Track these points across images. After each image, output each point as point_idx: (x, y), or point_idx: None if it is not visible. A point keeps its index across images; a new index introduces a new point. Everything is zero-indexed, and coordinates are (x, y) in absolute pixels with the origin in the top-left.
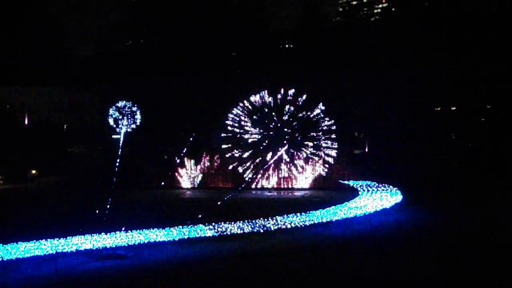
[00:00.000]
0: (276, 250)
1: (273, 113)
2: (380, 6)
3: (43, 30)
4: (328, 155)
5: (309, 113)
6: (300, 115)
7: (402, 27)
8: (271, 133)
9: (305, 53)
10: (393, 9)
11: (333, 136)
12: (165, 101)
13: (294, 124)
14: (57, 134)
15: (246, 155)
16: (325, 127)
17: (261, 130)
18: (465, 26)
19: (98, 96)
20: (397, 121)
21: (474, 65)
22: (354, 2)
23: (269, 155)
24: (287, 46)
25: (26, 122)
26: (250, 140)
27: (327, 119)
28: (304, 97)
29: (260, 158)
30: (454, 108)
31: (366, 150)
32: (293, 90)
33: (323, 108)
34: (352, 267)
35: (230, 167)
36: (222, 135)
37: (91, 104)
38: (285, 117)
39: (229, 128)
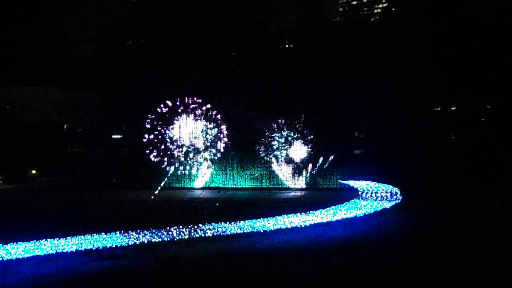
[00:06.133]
0: (275, 250)
1: None
2: (380, 6)
3: (43, 30)
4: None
5: None
6: None
7: (402, 27)
8: None
9: (305, 53)
10: (393, 9)
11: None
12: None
13: None
14: (57, 134)
15: None
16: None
17: None
18: (465, 26)
19: (98, 96)
20: (397, 121)
21: (475, 65)
22: (354, 2)
23: None
24: (287, 46)
25: (26, 122)
26: None
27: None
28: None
29: None
30: (454, 108)
31: (366, 150)
32: None
33: None
34: (352, 268)
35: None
36: None
37: (91, 104)
38: None
39: None
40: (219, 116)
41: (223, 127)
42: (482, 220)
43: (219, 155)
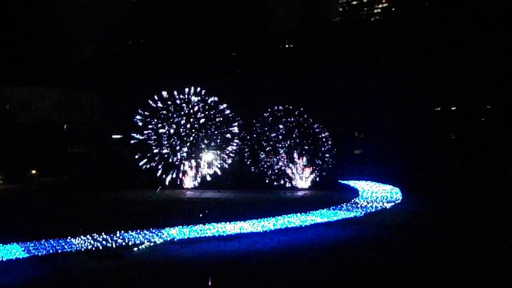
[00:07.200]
0: (276, 250)
1: None
2: (380, 6)
3: (43, 30)
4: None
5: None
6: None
7: (402, 27)
8: None
9: (305, 53)
10: (393, 9)
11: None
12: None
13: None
14: (57, 134)
15: None
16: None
17: None
18: (465, 26)
19: (98, 96)
20: (397, 121)
21: (475, 65)
22: (354, 2)
23: None
24: (287, 46)
25: (26, 122)
26: None
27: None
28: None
29: None
30: (454, 108)
31: (366, 150)
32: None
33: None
34: (352, 267)
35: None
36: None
37: (91, 104)
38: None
39: None
40: (217, 116)
41: (222, 126)
42: (482, 221)
43: (223, 155)
